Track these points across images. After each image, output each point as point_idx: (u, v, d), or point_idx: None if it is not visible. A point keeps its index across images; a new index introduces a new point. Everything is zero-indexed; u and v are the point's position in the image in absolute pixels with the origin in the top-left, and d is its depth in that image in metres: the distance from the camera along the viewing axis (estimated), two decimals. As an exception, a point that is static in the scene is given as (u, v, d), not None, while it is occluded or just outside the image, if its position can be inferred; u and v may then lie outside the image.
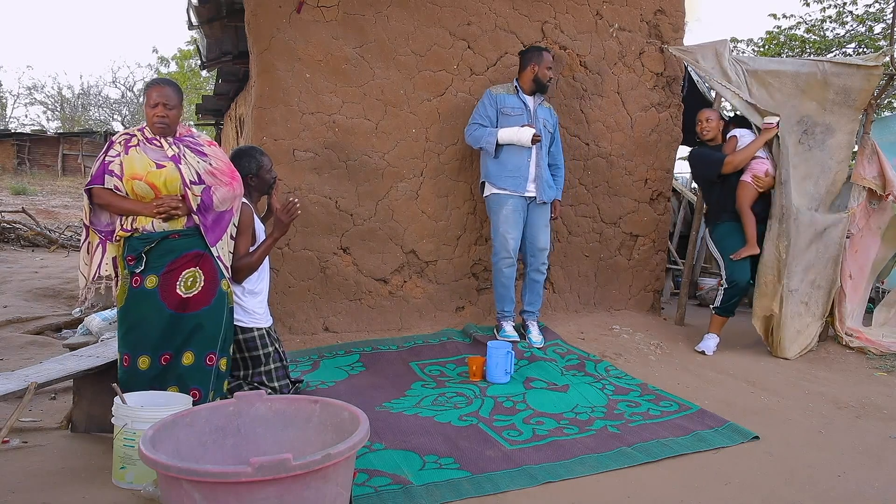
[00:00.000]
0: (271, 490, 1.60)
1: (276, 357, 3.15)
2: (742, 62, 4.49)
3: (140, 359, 2.67)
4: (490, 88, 4.23)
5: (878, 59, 4.42)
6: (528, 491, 2.46)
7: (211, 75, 12.69)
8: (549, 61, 4.17)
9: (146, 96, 2.76)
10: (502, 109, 4.13)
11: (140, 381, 2.65)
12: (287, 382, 3.17)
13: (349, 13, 4.17)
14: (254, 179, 3.19)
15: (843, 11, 10.17)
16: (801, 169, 4.40)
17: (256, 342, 3.08)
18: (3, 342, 4.70)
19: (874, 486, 2.55)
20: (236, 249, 2.99)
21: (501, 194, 4.10)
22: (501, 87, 4.23)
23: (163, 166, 2.69)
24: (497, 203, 4.12)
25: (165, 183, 2.68)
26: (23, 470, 2.53)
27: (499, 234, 4.12)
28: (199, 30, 5.33)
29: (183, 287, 2.71)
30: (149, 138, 2.75)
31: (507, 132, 4.05)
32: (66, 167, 23.99)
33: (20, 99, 38.66)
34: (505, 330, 4.16)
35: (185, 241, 2.73)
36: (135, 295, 2.69)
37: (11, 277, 7.19)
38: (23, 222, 11.05)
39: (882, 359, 4.29)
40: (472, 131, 4.16)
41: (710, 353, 4.27)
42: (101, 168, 2.70)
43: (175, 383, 2.70)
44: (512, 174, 4.08)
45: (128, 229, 2.69)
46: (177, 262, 2.70)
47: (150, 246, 2.68)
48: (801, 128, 4.43)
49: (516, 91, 4.18)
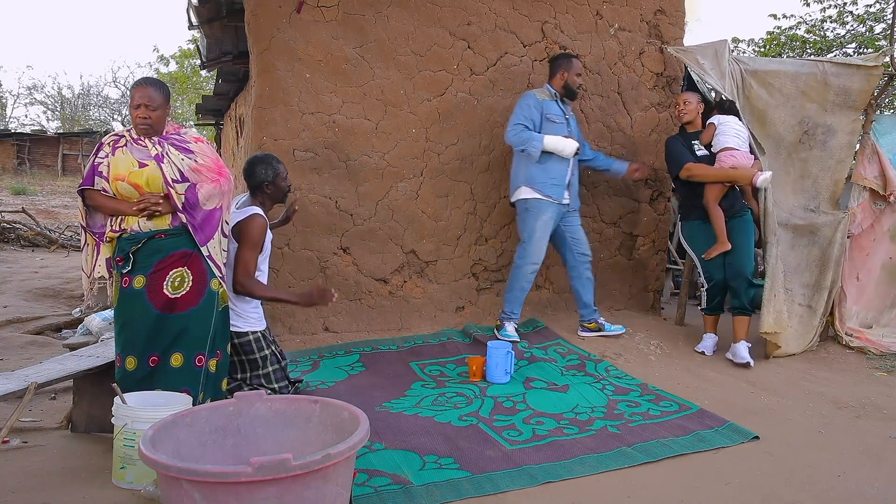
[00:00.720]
0: (271, 490, 1.60)
1: (273, 359, 3.12)
2: (742, 62, 4.49)
3: (127, 359, 2.66)
4: (533, 92, 4.19)
5: (878, 59, 4.42)
6: (528, 491, 2.46)
7: (211, 75, 12.69)
8: (579, 68, 4.21)
9: (130, 97, 2.76)
10: (547, 115, 4.11)
11: (129, 383, 2.63)
12: (286, 384, 3.15)
13: (349, 13, 4.17)
14: (270, 187, 3.13)
15: (844, 11, 10.17)
16: (799, 167, 4.39)
17: (252, 346, 3.04)
18: (3, 342, 4.70)
19: (874, 486, 2.55)
20: (244, 263, 2.94)
21: (543, 201, 4.08)
22: (540, 92, 4.20)
23: (145, 165, 2.68)
24: (538, 208, 4.09)
25: (148, 182, 2.67)
26: (23, 470, 2.53)
27: (534, 239, 4.10)
28: (199, 30, 5.33)
29: (170, 287, 2.69)
30: (135, 138, 2.75)
31: (552, 140, 4.03)
32: (66, 167, 23.98)
33: (20, 99, 38.67)
34: (506, 330, 4.15)
35: (171, 241, 2.71)
36: (124, 295, 2.70)
37: (11, 277, 7.19)
38: (23, 222, 11.05)
39: (882, 359, 4.29)
40: (519, 132, 4.07)
41: (710, 353, 4.25)
42: (91, 170, 2.72)
43: (163, 385, 2.65)
44: (556, 182, 4.09)
45: (116, 230, 2.71)
46: (164, 261, 2.69)
47: (137, 246, 2.67)
48: (802, 128, 4.42)
49: (555, 98, 4.18)
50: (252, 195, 3.15)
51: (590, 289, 4.34)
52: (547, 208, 4.10)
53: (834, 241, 4.41)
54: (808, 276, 4.42)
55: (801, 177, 4.41)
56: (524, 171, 4.15)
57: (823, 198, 4.48)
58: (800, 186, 4.43)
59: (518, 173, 4.20)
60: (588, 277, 4.33)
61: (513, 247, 4.71)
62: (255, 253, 2.97)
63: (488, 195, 4.62)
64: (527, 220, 4.16)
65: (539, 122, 4.10)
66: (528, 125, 4.08)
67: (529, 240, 4.13)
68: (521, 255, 4.17)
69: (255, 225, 2.97)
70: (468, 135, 4.53)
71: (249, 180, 3.14)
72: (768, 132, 4.40)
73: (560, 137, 4.06)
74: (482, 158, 4.58)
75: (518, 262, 4.19)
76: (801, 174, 4.42)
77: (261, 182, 3.10)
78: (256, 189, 3.13)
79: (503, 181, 4.66)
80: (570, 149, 4.05)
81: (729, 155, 4.15)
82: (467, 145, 4.53)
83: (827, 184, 4.46)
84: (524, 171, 4.15)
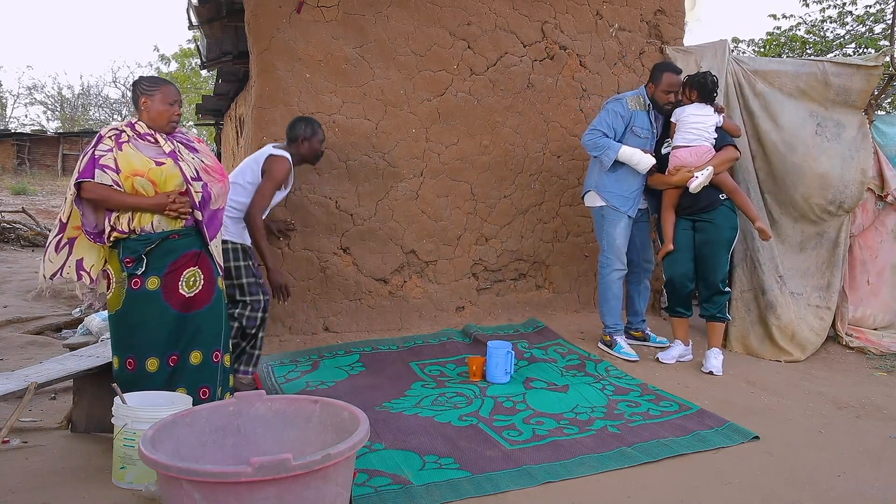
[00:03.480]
0: (271, 490, 1.60)
1: (249, 273, 3.35)
2: (742, 62, 4.49)
3: (149, 361, 2.66)
4: (626, 98, 3.98)
5: (878, 59, 4.42)
6: (528, 491, 2.46)
7: (211, 75, 12.69)
8: (669, 84, 3.88)
9: (160, 92, 2.72)
10: (633, 127, 3.93)
11: (150, 384, 2.64)
12: (259, 299, 3.34)
13: (349, 13, 4.17)
14: (305, 144, 3.53)
15: (844, 12, 10.17)
16: (824, 161, 4.26)
17: (230, 254, 3.27)
18: (3, 342, 4.70)
19: (874, 486, 2.55)
20: (262, 195, 3.31)
21: (616, 210, 4.00)
22: (634, 98, 3.98)
23: (162, 163, 2.67)
24: (615, 217, 4.00)
25: (166, 180, 2.66)
26: (23, 470, 2.53)
27: (615, 246, 4.00)
28: (200, 30, 5.33)
29: (185, 287, 2.70)
30: (141, 134, 2.70)
31: (629, 153, 3.86)
32: (66, 167, 23.94)
33: (20, 99, 38.68)
34: (621, 346, 4.01)
35: (185, 241, 2.72)
36: (135, 297, 2.65)
37: (11, 277, 7.19)
38: (23, 222, 11.04)
39: (882, 359, 4.29)
40: (595, 138, 3.92)
41: (669, 362, 3.98)
42: (92, 162, 2.61)
43: (184, 384, 2.70)
44: (628, 195, 3.97)
45: (124, 230, 2.63)
46: (178, 262, 2.69)
47: (151, 247, 2.65)
48: (814, 120, 4.33)
49: (647, 108, 3.98)
50: (287, 146, 3.55)
51: (645, 297, 4.34)
52: (622, 217, 4.00)
53: (839, 241, 4.40)
54: (820, 278, 4.41)
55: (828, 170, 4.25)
56: (596, 175, 4.05)
57: (851, 191, 4.32)
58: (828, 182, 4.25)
59: (591, 174, 4.11)
60: (646, 286, 4.32)
61: (513, 247, 4.72)
62: (274, 189, 3.35)
63: (488, 195, 4.63)
64: (604, 227, 4.05)
65: (622, 132, 3.93)
66: (607, 133, 3.91)
67: (610, 248, 4.04)
68: (604, 263, 4.07)
69: (283, 165, 3.36)
70: (468, 135, 4.53)
71: (290, 132, 3.57)
72: (783, 127, 4.29)
73: (638, 150, 3.88)
74: (482, 158, 4.58)
75: (602, 272, 4.08)
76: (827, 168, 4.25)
77: (297, 136, 3.54)
78: (292, 142, 3.56)
79: (503, 181, 4.66)
80: (646, 164, 3.87)
81: (673, 155, 3.92)
82: (467, 145, 4.53)
83: (854, 175, 4.29)
84: (596, 176, 4.05)
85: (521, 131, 4.67)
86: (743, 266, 4.41)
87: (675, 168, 3.88)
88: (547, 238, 4.82)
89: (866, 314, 4.59)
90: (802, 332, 4.30)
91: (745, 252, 4.38)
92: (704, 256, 3.89)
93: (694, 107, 3.88)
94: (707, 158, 3.81)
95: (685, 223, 3.96)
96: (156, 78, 2.83)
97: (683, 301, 4.01)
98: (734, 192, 3.88)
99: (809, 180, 4.24)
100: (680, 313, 4.05)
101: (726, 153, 3.86)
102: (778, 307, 4.29)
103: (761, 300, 4.35)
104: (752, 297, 4.40)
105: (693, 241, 3.93)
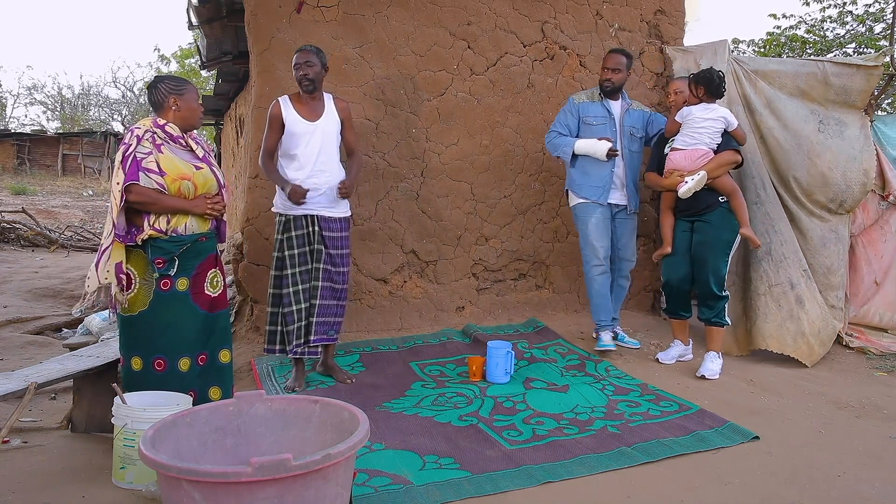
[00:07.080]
0: (271, 490, 1.61)
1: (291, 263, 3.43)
2: (742, 62, 4.49)
3: (181, 361, 2.70)
4: (573, 96, 4.15)
5: (878, 59, 4.41)
6: (528, 491, 2.46)
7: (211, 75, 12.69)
8: (608, 62, 4.02)
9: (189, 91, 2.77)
10: (584, 118, 4.03)
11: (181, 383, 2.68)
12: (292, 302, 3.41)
13: (349, 13, 4.17)
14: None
15: (844, 11, 10.16)
16: (827, 157, 4.26)
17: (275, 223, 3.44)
18: (3, 342, 4.71)
19: (874, 486, 2.55)
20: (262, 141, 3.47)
21: (587, 203, 4.03)
22: (585, 93, 4.14)
23: (200, 167, 2.75)
24: (584, 212, 4.05)
25: (205, 183, 2.74)
26: (23, 470, 2.53)
27: (588, 243, 4.04)
28: (200, 30, 5.33)
29: (210, 287, 2.79)
30: (174, 137, 2.73)
31: (584, 144, 3.97)
32: (66, 167, 23.98)
33: (20, 99, 38.64)
34: (602, 340, 4.01)
35: (209, 244, 2.82)
36: (165, 298, 2.66)
37: (11, 277, 7.19)
38: (23, 222, 11.04)
39: (882, 359, 4.29)
40: (552, 139, 4.09)
41: (668, 363, 3.97)
42: (135, 165, 2.59)
43: (216, 381, 2.80)
44: (595, 184, 4.01)
45: (160, 229, 2.64)
46: (203, 264, 2.77)
47: (183, 248, 2.69)
48: (815, 117, 4.33)
49: (601, 98, 4.08)
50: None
51: (619, 296, 4.29)
52: (594, 210, 4.02)
53: (846, 240, 4.40)
54: (838, 276, 4.37)
55: (830, 168, 4.25)
56: (568, 175, 4.16)
57: (853, 192, 4.33)
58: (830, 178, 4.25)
59: (567, 179, 4.19)
60: (620, 285, 4.27)
61: (513, 247, 4.72)
62: (266, 134, 3.45)
63: (488, 195, 4.63)
64: (578, 224, 4.15)
65: (576, 126, 4.05)
66: (562, 131, 4.05)
67: (584, 244, 4.09)
68: (583, 260, 4.12)
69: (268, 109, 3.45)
70: (468, 135, 4.53)
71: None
72: (786, 124, 4.29)
73: (593, 140, 3.95)
74: (482, 158, 4.59)
75: (584, 269, 4.14)
76: (830, 165, 4.24)
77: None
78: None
79: (503, 181, 4.66)
80: (602, 150, 3.91)
81: (668, 158, 3.91)
82: (467, 145, 4.53)
83: (857, 177, 4.29)
84: (568, 176, 4.16)
85: (521, 131, 4.67)
86: (768, 260, 4.22)
87: (669, 171, 3.88)
88: (547, 238, 4.82)
89: (870, 312, 4.58)
90: (826, 331, 4.22)
91: (769, 246, 4.20)
92: (700, 258, 3.83)
93: (700, 108, 3.82)
94: (702, 163, 3.75)
95: (684, 225, 3.94)
96: (178, 77, 2.86)
97: (682, 303, 3.99)
98: (732, 194, 3.84)
99: (812, 177, 4.24)
100: (679, 315, 4.03)
101: (725, 157, 3.81)
102: (806, 302, 4.16)
103: (790, 294, 4.16)
104: (781, 292, 4.17)
105: (691, 242, 3.90)
